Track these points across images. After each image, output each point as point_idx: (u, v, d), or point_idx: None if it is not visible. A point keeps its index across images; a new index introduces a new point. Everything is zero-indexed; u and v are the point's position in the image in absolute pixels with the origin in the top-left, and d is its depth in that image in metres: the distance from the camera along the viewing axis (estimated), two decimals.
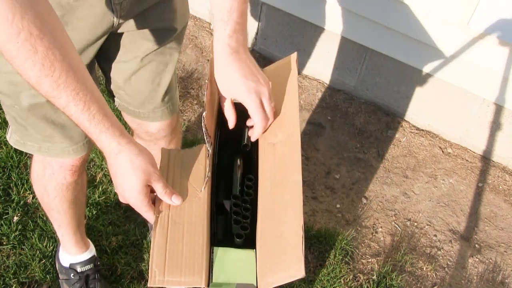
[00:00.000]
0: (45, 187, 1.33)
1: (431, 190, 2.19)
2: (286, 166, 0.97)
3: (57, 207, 1.40)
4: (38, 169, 1.30)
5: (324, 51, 2.48)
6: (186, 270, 0.85)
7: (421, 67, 2.26)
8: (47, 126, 1.14)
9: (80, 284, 1.59)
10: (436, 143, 2.38)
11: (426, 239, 2.01)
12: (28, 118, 1.13)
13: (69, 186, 1.33)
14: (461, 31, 2.06)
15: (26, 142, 1.19)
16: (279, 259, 0.86)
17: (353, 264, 1.88)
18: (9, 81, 1.06)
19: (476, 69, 2.13)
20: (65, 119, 1.13)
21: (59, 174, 1.28)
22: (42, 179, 1.31)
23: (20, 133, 1.18)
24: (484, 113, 2.25)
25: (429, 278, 1.89)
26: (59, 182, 1.30)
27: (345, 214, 2.05)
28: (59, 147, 1.19)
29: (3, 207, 1.80)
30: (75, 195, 1.38)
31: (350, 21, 2.29)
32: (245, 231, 0.97)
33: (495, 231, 2.08)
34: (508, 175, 2.29)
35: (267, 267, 0.87)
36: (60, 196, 1.35)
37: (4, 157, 1.93)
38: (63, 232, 1.52)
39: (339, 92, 2.53)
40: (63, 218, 1.45)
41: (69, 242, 1.56)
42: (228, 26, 1.00)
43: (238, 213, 1.00)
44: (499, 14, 1.96)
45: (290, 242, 0.87)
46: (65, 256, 1.62)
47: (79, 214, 1.49)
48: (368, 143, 2.33)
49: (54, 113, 1.12)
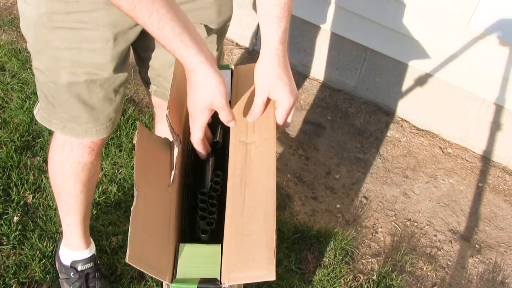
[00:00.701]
0: (61, 166, 1.36)
1: (431, 190, 2.19)
2: (260, 168, 0.97)
3: (69, 189, 1.41)
4: (57, 145, 1.33)
5: (324, 51, 2.48)
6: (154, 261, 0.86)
7: (421, 67, 2.26)
8: (77, 106, 1.18)
9: (80, 283, 1.59)
10: (436, 143, 2.38)
11: (426, 239, 2.01)
12: (60, 96, 1.17)
13: (85, 166, 1.35)
14: (461, 31, 2.06)
15: (51, 120, 1.24)
16: (248, 258, 0.86)
17: (353, 264, 1.88)
18: (53, 56, 1.11)
19: (476, 69, 2.13)
20: (96, 101, 1.18)
21: (77, 151, 1.31)
22: (60, 156, 1.34)
23: (47, 110, 1.23)
24: (484, 113, 2.25)
25: (429, 278, 1.89)
26: (76, 160, 1.33)
27: (345, 214, 2.05)
28: (83, 128, 1.23)
29: (3, 207, 1.80)
30: (89, 177, 1.39)
31: (350, 21, 2.29)
32: (211, 226, 0.96)
33: (495, 231, 2.08)
34: (508, 175, 2.29)
35: (233, 263, 0.87)
36: (75, 175, 1.37)
37: (4, 157, 1.93)
38: (69, 221, 1.51)
39: (339, 92, 2.53)
40: (73, 202, 1.45)
41: (74, 233, 1.55)
42: (282, 23, 1.02)
43: (204, 209, 1.00)
44: (499, 14, 1.96)
45: (262, 243, 0.86)
46: (66, 253, 1.62)
47: (88, 202, 1.49)
48: (368, 143, 2.33)
49: (87, 94, 1.16)
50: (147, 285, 1.68)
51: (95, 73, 1.13)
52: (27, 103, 2.15)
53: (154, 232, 0.89)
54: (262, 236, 0.87)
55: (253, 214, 0.91)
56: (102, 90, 1.17)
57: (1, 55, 2.37)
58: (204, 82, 0.94)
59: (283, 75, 1.04)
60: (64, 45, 1.09)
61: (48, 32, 1.08)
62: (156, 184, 0.95)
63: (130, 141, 2.09)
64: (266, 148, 0.99)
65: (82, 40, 1.09)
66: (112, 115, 1.24)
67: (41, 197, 1.85)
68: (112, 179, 1.95)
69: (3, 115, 2.10)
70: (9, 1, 2.74)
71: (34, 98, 2.17)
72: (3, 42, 2.44)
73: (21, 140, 2.01)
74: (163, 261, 0.87)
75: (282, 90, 1.03)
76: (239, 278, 0.85)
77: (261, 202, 0.92)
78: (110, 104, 1.21)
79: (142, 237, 0.86)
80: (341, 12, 2.28)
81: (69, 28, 1.07)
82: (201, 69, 0.94)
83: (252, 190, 0.94)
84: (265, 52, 1.04)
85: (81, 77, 1.12)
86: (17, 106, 2.13)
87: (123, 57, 1.16)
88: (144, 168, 0.95)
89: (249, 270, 0.85)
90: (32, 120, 2.09)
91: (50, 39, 1.08)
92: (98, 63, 1.12)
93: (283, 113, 1.05)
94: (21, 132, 2.04)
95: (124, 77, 1.19)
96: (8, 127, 2.05)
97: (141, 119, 2.20)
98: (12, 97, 2.18)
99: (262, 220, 0.89)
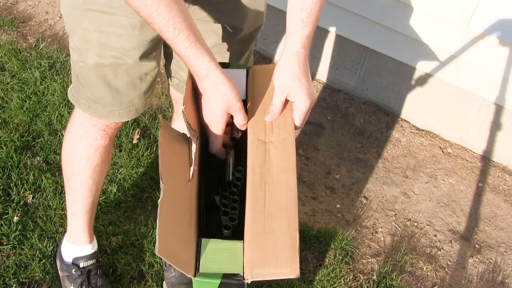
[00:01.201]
0: (74, 147, 1.39)
1: (431, 190, 2.19)
2: (280, 167, 0.98)
3: (79, 172, 1.43)
4: (74, 126, 1.37)
5: (324, 51, 2.49)
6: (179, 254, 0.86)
7: (421, 67, 2.26)
8: (103, 88, 1.22)
9: (81, 280, 1.59)
10: (436, 143, 2.38)
11: (426, 239, 2.01)
12: (88, 76, 1.21)
13: (97, 150, 1.37)
14: (461, 31, 2.06)
15: (79, 99, 1.28)
16: (271, 255, 0.87)
17: (353, 264, 1.88)
18: (83, 37, 1.16)
19: (476, 69, 2.13)
20: (121, 85, 1.22)
21: (92, 133, 1.34)
22: (74, 137, 1.37)
23: (77, 89, 1.28)
24: (484, 113, 2.25)
25: (429, 278, 1.89)
26: (89, 142, 1.36)
27: (345, 214, 2.05)
28: (107, 109, 1.26)
29: (3, 207, 1.80)
30: (99, 162, 1.41)
31: (350, 21, 2.29)
32: (233, 222, 0.97)
33: (495, 231, 2.08)
34: (508, 175, 2.29)
35: (255, 259, 0.87)
36: (86, 158, 1.39)
37: (4, 157, 1.93)
38: (75, 210, 1.52)
39: (339, 92, 2.53)
40: (81, 188, 1.46)
41: (79, 224, 1.56)
42: (307, 27, 1.05)
43: (227, 205, 1.01)
44: (499, 14, 1.96)
45: (284, 241, 0.87)
46: (69, 249, 1.62)
47: (95, 191, 1.50)
48: (368, 143, 2.33)
49: (113, 77, 1.20)
50: (147, 285, 1.68)
51: (121, 58, 1.16)
52: (27, 103, 2.15)
53: (178, 226, 0.90)
54: (284, 235, 0.88)
55: (274, 212, 0.92)
56: (127, 75, 1.20)
57: (1, 55, 2.37)
58: (220, 87, 0.98)
59: (302, 78, 1.06)
60: (94, 27, 1.13)
61: (80, 13, 1.13)
62: (178, 179, 0.96)
63: (130, 141, 2.09)
64: (285, 148, 1.01)
65: (111, 24, 1.12)
66: (136, 101, 1.27)
67: (41, 197, 1.85)
68: (112, 179, 1.95)
69: (3, 115, 2.10)
70: (9, 1, 2.74)
71: (34, 98, 2.17)
72: (3, 42, 2.44)
73: (21, 140, 2.01)
74: (186, 255, 0.88)
75: (300, 92, 1.06)
76: (262, 275, 0.86)
77: (282, 201, 0.93)
78: (135, 90, 1.24)
79: (169, 230, 0.86)
80: (341, 12, 2.28)
81: (100, 12, 1.11)
82: (215, 75, 0.98)
83: (273, 189, 0.95)
84: (286, 54, 1.07)
85: (107, 60, 1.16)
86: (17, 106, 2.13)
87: (151, 46, 1.19)
88: (168, 162, 0.96)
89: (272, 267, 0.86)
90: (32, 120, 2.10)
91: (81, 20, 1.13)
92: (124, 48, 1.15)
93: (300, 115, 1.07)
94: (21, 132, 2.04)
95: (151, 66, 1.22)
96: (8, 127, 2.05)
97: (141, 119, 2.20)
98: (12, 97, 2.18)
99: (284, 219, 0.90)
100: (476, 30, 2.02)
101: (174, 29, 0.94)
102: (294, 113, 1.07)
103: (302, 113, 1.07)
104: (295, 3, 1.05)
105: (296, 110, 1.07)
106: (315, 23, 1.06)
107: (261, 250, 0.88)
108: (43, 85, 2.25)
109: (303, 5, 1.04)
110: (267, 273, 0.86)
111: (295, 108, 1.07)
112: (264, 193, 0.95)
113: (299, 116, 1.07)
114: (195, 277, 0.86)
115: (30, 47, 2.46)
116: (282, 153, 1.00)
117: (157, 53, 1.24)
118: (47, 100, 2.18)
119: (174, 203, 0.91)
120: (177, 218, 0.91)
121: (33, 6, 2.73)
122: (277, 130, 1.05)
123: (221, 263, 0.89)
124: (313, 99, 1.08)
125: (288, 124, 1.05)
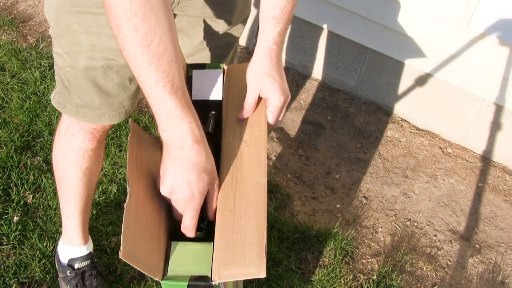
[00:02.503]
0: (63, 150, 1.37)
1: (431, 190, 2.19)
2: (251, 166, 0.97)
3: (69, 175, 1.42)
4: (62, 128, 1.35)
5: (324, 51, 2.48)
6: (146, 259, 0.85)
7: (421, 67, 2.26)
8: (92, 90, 1.19)
9: (76, 281, 1.59)
10: (436, 143, 2.38)
11: (426, 239, 2.01)
12: (76, 80, 1.19)
13: (86, 153, 1.36)
14: (461, 31, 2.06)
15: (66, 105, 1.26)
16: (239, 255, 0.86)
17: (353, 264, 1.88)
18: (72, 40, 1.13)
19: (476, 69, 2.13)
20: (111, 86, 1.19)
21: (79, 136, 1.32)
22: (63, 140, 1.36)
23: (62, 95, 1.25)
24: (484, 113, 2.25)
25: (429, 278, 1.89)
26: (77, 145, 1.34)
27: (345, 214, 2.05)
28: (96, 113, 1.24)
29: (3, 207, 1.80)
30: (89, 165, 1.40)
31: (350, 21, 2.29)
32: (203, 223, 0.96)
33: (495, 231, 2.08)
34: (508, 175, 2.29)
35: (224, 260, 0.87)
36: (75, 161, 1.38)
37: (4, 157, 1.93)
38: (68, 212, 1.52)
39: (339, 92, 2.53)
40: (72, 191, 1.46)
41: (72, 226, 1.55)
42: (279, 24, 1.03)
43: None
44: (499, 14, 1.96)
45: (252, 240, 0.87)
46: (64, 250, 1.62)
47: (87, 194, 1.49)
48: (368, 143, 2.33)
49: (103, 79, 1.18)
50: (147, 285, 1.68)
51: (112, 59, 1.15)
52: (27, 103, 2.15)
53: (146, 229, 0.89)
54: (253, 234, 0.88)
55: (244, 212, 0.91)
56: (118, 77, 1.18)
57: (1, 55, 2.37)
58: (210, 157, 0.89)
59: (274, 74, 1.04)
60: (83, 29, 1.11)
61: (69, 16, 1.11)
62: (148, 182, 0.95)
63: None
64: (257, 146, 1.00)
65: (101, 25, 1.11)
66: (126, 102, 1.26)
67: (41, 197, 1.85)
68: (112, 179, 1.95)
69: (3, 115, 2.10)
70: (9, 1, 2.74)
71: (34, 98, 2.17)
72: (3, 42, 2.44)
73: (21, 140, 2.01)
74: (154, 259, 0.87)
75: (273, 88, 1.04)
76: (229, 276, 0.85)
77: (252, 200, 0.92)
78: (125, 91, 1.23)
79: (135, 234, 0.86)
80: (341, 12, 2.28)
81: (89, 13, 1.09)
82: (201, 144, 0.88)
83: (243, 187, 0.94)
84: (258, 51, 1.06)
85: (98, 61, 1.14)
86: (17, 106, 2.13)
87: None
88: (137, 165, 0.95)
89: (240, 268, 0.85)
90: (32, 120, 2.10)
91: (70, 22, 1.11)
92: (115, 49, 1.13)
93: (274, 111, 1.05)
94: (21, 132, 2.04)
95: None
96: (8, 127, 2.05)
97: (141, 119, 2.20)
98: (12, 97, 2.18)
99: (253, 218, 0.90)
100: (476, 30, 2.02)
101: (172, 85, 0.83)
102: (267, 109, 1.05)
103: (276, 109, 1.04)
104: (269, 0, 1.03)
105: (270, 106, 1.05)
106: (288, 21, 1.05)
107: (229, 250, 0.87)
108: (43, 85, 2.25)
109: (277, 2, 1.02)
110: (234, 273, 0.85)
111: (268, 105, 1.05)
112: (234, 193, 0.94)
113: (272, 112, 1.04)
114: (163, 280, 0.86)
115: (30, 47, 2.46)
116: (254, 151, 0.99)
117: None
118: (47, 100, 2.18)
119: (142, 207, 0.90)
120: (144, 222, 0.89)
121: (33, 6, 2.73)
122: (249, 128, 1.04)
123: (190, 266, 0.88)
124: (287, 95, 1.05)
125: (261, 121, 1.04)
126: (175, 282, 0.85)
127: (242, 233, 0.89)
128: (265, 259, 0.84)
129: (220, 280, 0.85)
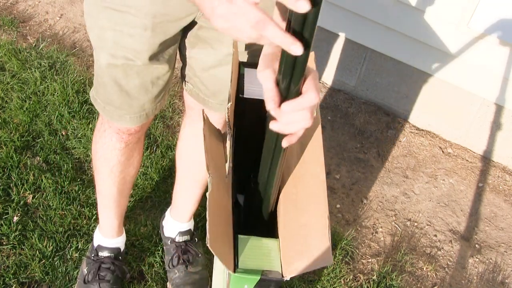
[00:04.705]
0: (95, 143, 1.40)
1: (431, 190, 2.19)
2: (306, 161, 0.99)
3: (98, 168, 1.44)
4: (98, 123, 1.38)
5: (324, 51, 2.49)
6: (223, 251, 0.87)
7: (421, 67, 2.26)
8: (113, 89, 1.20)
9: (92, 267, 1.60)
10: (436, 143, 2.38)
11: (426, 239, 2.01)
12: (102, 76, 1.20)
13: (113, 151, 1.37)
14: (461, 31, 2.06)
15: (97, 99, 1.28)
16: (305, 247, 0.88)
17: (353, 264, 1.88)
18: (98, 35, 1.15)
19: (476, 69, 2.13)
20: (132, 87, 1.20)
21: (109, 133, 1.34)
22: (96, 133, 1.39)
23: (95, 89, 1.28)
24: (484, 113, 2.25)
25: (429, 278, 1.89)
26: (106, 142, 1.36)
27: (345, 214, 2.05)
28: (118, 113, 1.25)
29: (3, 207, 1.80)
30: (116, 163, 1.40)
31: (350, 21, 2.29)
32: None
33: (495, 231, 2.08)
34: (508, 175, 2.29)
35: (291, 255, 0.88)
36: (104, 157, 1.39)
37: (4, 157, 1.93)
38: (98, 202, 1.56)
39: (339, 92, 2.53)
40: (101, 183, 1.48)
41: (100, 215, 1.59)
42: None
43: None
44: (499, 14, 1.96)
45: (316, 231, 0.88)
46: (96, 234, 1.66)
47: (118, 190, 1.49)
48: (368, 143, 2.33)
49: (124, 78, 1.18)
50: (147, 285, 1.68)
51: (132, 59, 1.15)
52: (27, 103, 2.15)
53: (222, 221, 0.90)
54: (316, 224, 0.89)
55: (305, 205, 0.93)
56: (139, 78, 1.18)
57: (1, 55, 2.37)
58: None
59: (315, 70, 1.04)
60: (109, 25, 1.12)
61: (98, 11, 1.12)
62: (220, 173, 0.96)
63: None
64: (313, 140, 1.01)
65: (124, 23, 1.11)
66: (147, 105, 1.25)
67: (41, 197, 1.85)
68: None
69: (3, 115, 2.10)
70: (9, 1, 2.74)
71: (34, 98, 2.17)
72: (3, 42, 2.44)
73: (21, 140, 2.01)
74: (227, 250, 0.88)
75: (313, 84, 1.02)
76: (299, 269, 0.86)
77: (312, 193, 0.94)
78: (146, 94, 1.23)
79: (216, 224, 0.86)
80: (341, 12, 2.28)
81: (116, 10, 1.10)
82: None
83: (304, 182, 0.96)
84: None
85: (119, 60, 1.15)
86: (17, 106, 2.13)
87: (162, 49, 1.17)
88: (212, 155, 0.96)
89: (308, 260, 0.86)
90: (32, 120, 2.10)
91: (99, 17, 1.13)
92: (134, 49, 1.14)
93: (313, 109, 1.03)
94: (21, 132, 2.04)
95: (163, 70, 1.21)
96: (8, 127, 2.05)
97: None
98: (12, 97, 2.18)
99: (314, 210, 0.91)
100: (476, 30, 2.02)
101: None
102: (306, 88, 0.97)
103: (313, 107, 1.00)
104: None
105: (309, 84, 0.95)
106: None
107: (295, 244, 0.89)
108: (43, 85, 2.25)
109: None
110: (303, 267, 0.86)
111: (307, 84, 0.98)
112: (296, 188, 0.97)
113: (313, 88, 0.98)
114: (235, 272, 0.86)
115: (30, 47, 2.46)
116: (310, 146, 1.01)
117: (170, 57, 1.22)
118: (47, 100, 2.18)
119: (219, 197, 0.92)
120: (221, 212, 0.91)
121: (33, 6, 2.73)
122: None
123: (260, 260, 0.89)
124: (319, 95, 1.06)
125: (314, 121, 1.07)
126: (247, 275, 0.86)
127: (306, 226, 0.90)
128: (330, 247, 0.86)
129: (291, 275, 0.86)
